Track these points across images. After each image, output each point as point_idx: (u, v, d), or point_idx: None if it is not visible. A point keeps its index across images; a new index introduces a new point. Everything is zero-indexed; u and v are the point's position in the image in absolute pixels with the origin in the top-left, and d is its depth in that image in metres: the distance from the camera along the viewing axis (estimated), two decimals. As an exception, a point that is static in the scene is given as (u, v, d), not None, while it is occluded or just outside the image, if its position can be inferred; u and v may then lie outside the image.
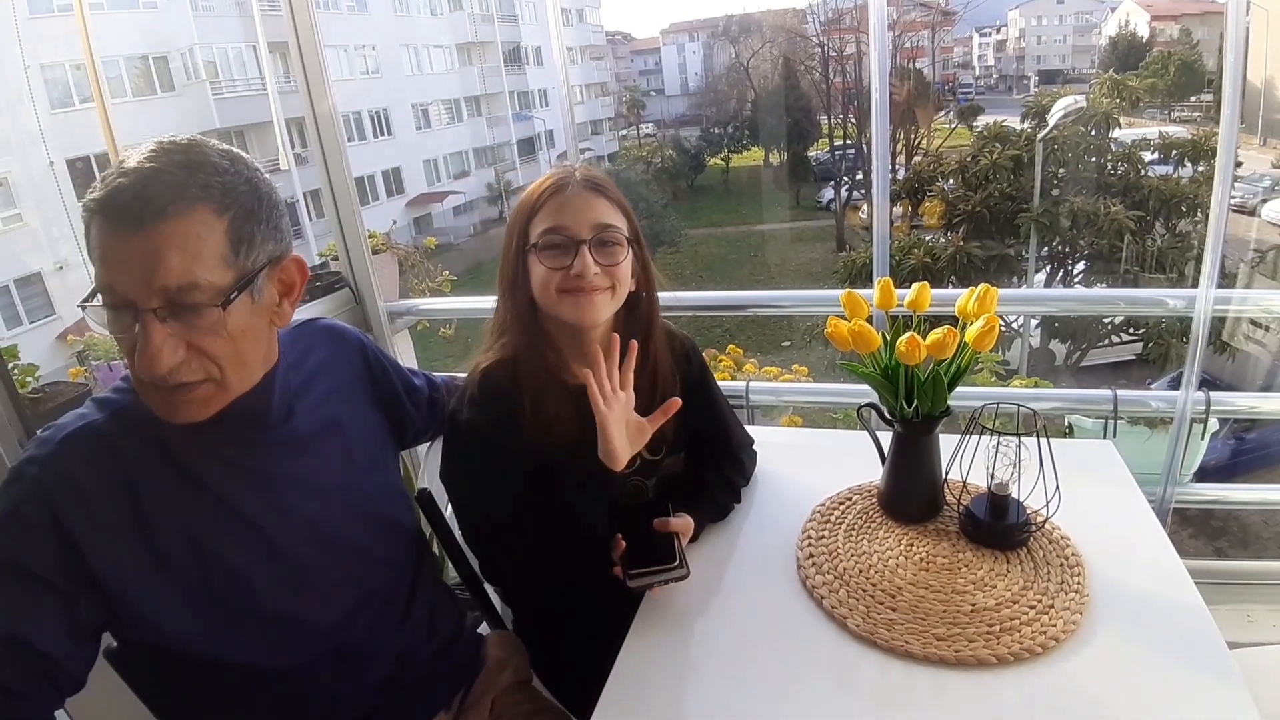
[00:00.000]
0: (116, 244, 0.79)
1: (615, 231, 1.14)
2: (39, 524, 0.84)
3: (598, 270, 1.12)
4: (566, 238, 1.12)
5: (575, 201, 1.13)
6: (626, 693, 0.98)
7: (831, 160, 20.91)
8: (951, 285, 9.40)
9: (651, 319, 1.24)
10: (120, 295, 0.81)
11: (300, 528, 1.00)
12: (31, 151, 10.71)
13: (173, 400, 0.86)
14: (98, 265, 0.81)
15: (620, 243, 1.14)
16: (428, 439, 1.39)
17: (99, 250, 0.80)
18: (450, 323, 2.68)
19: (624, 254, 1.15)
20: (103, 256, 0.80)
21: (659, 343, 1.25)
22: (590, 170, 1.18)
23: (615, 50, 29.28)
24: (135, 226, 0.79)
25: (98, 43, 2.58)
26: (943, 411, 1.13)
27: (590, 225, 1.12)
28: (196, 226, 0.82)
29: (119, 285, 0.80)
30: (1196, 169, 10.08)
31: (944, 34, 22.62)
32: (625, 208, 1.17)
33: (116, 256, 0.80)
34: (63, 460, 0.86)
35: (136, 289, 0.80)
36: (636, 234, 1.19)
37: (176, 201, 0.80)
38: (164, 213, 0.79)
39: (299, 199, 4.75)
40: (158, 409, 0.87)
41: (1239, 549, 6.05)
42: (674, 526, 1.13)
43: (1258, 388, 5.64)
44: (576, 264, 1.11)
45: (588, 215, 1.12)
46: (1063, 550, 1.12)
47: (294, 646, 1.01)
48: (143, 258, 0.79)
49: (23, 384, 1.54)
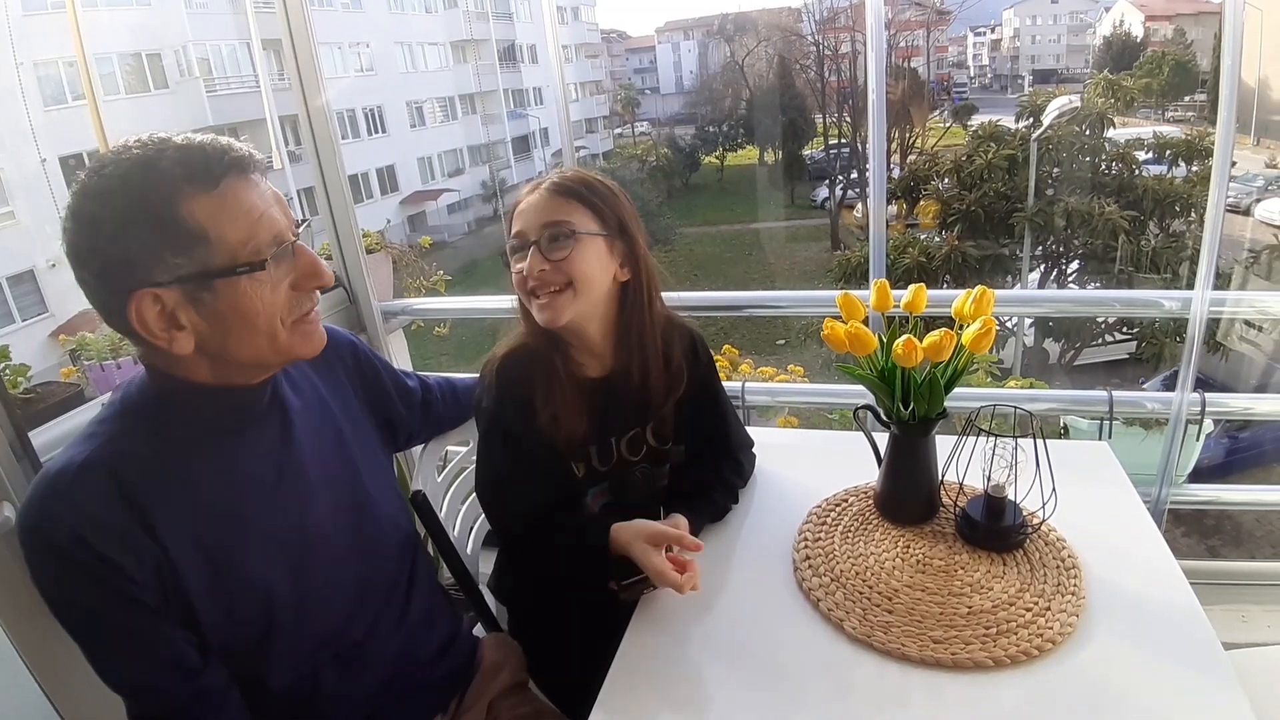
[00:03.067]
0: (263, 190, 0.89)
1: (563, 226, 1.14)
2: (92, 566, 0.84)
3: (545, 268, 1.13)
4: (522, 240, 1.16)
5: (534, 205, 1.16)
6: (622, 695, 0.98)
7: (826, 159, 20.96)
8: (946, 285, 9.43)
9: (644, 313, 1.24)
10: (278, 233, 0.89)
11: (300, 530, 1.00)
12: (24, 149, 10.67)
13: (318, 324, 0.98)
14: (239, 221, 0.85)
15: (569, 235, 1.14)
16: (421, 441, 1.38)
17: (240, 206, 0.86)
18: (445, 322, 2.68)
19: (572, 247, 1.14)
20: (249, 208, 0.86)
21: (650, 332, 1.25)
22: (572, 172, 1.21)
23: (610, 48, 29.28)
24: (258, 171, 0.90)
25: (90, 40, 2.58)
26: (939, 414, 1.13)
27: (540, 226, 1.14)
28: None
29: (276, 227, 0.89)
30: (1190, 169, 10.11)
31: (939, 33, 22.68)
32: (597, 203, 1.17)
33: (265, 201, 0.89)
34: (74, 499, 0.85)
35: (287, 220, 0.92)
36: (622, 227, 1.20)
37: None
38: (262, 160, 0.91)
39: (293, 197, 4.74)
40: (311, 342, 0.96)
41: (1232, 548, 6.07)
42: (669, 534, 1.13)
43: (1252, 388, 5.66)
44: (526, 264, 1.14)
45: (541, 216, 1.15)
46: (1059, 552, 1.12)
47: (296, 653, 1.00)
48: (272, 193, 0.90)
49: (14, 384, 1.53)
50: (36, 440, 1.29)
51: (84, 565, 0.83)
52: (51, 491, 0.85)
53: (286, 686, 1.01)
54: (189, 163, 0.82)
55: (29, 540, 0.85)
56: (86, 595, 0.85)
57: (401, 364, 2.38)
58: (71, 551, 0.83)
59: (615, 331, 1.23)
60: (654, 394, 1.25)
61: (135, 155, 0.82)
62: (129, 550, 0.85)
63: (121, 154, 0.82)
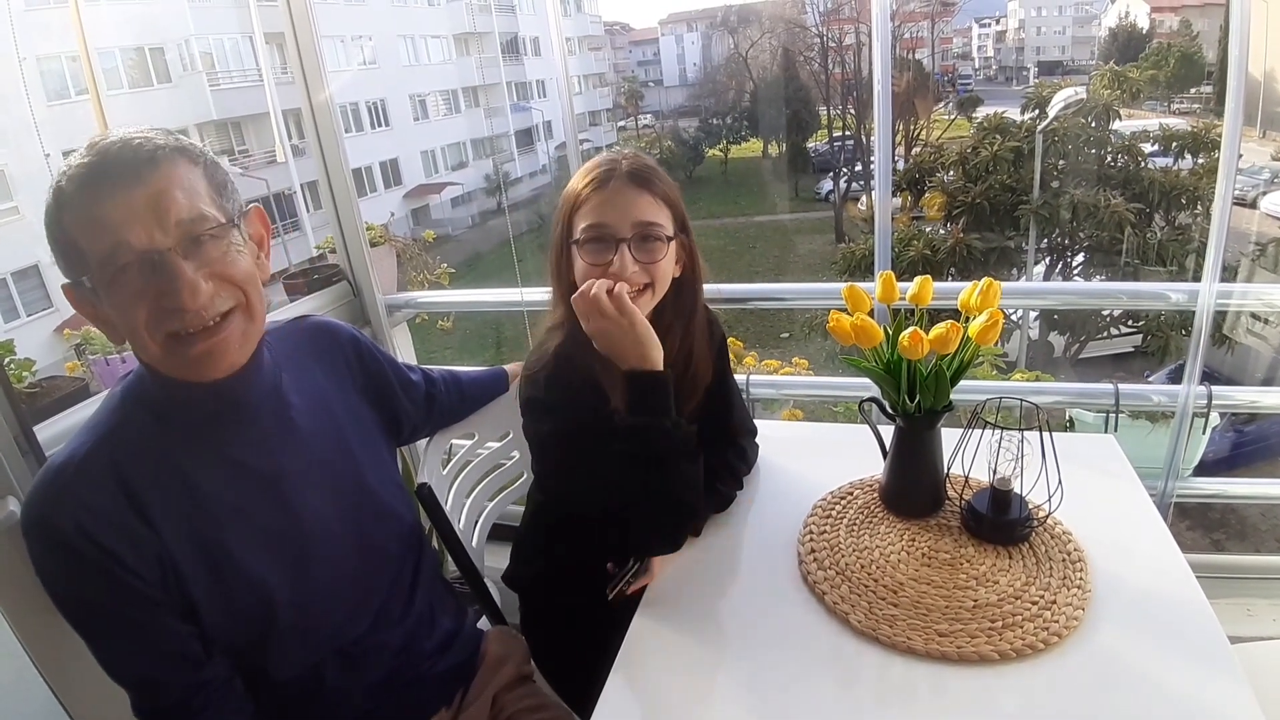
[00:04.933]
0: (119, 201, 0.82)
1: (657, 229, 1.14)
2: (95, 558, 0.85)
3: (636, 268, 1.13)
4: (608, 234, 1.13)
5: (618, 199, 1.13)
6: (628, 688, 0.98)
7: (830, 152, 20.85)
8: (951, 277, 9.39)
9: (695, 304, 1.26)
10: (134, 247, 0.82)
11: (306, 525, 1.00)
12: (27, 143, 10.65)
13: (210, 345, 0.88)
14: (94, 233, 0.82)
15: (660, 239, 1.15)
16: (425, 435, 1.38)
17: (91, 218, 0.82)
18: (449, 315, 2.67)
19: (664, 251, 1.15)
20: (99, 219, 0.81)
21: (699, 328, 1.27)
22: (639, 159, 1.18)
23: (613, 40, 29.15)
24: (134, 180, 0.82)
25: (93, 34, 2.58)
26: (945, 406, 1.12)
27: (632, 223, 1.13)
28: (181, 169, 0.86)
29: (133, 238, 0.82)
30: (1196, 161, 10.05)
31: (943, 25, 22.54)
32: (671, 197, 1.18)
33: (121, 213, 0.81)
34: (77, 492, 0.85)
35: (150, 234, 0.82)
36: (683, 222, 1.21)
37: (158, 152, 0.84)
38: (155, 161, 0.83)
39: (296, 191, 4.76)
40: (190, 367, 0.88)
41: (1236, 541, 6.05)
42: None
43: (1258, 381, 5.63)
44: (616, 262, 1.12)
45: (630, 212, 1.13)
46: (1065, 545, 1.11)
47: (298, 647, 1.01)
48: (148, 202, 0.82)
49: (19, 379, 1.53)
50: (41, 435, 1.30)
51: (87, 558, 0.84)
52: (54, 485, 0.86)
53: (290, 680, 1.01)
54: (85, 165, 0.82)
55: (32, 533, 0.85)
56: (90, 588, 0.85)
57: (405, 357, 2.38)
58: (75, 544, 0.83)
59: (661, 323, 1.20)
60: (698, 383, 1.27)
61: (71, 162, 0.83)
62: (131, 542, 0.85)
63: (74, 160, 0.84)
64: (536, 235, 16.00)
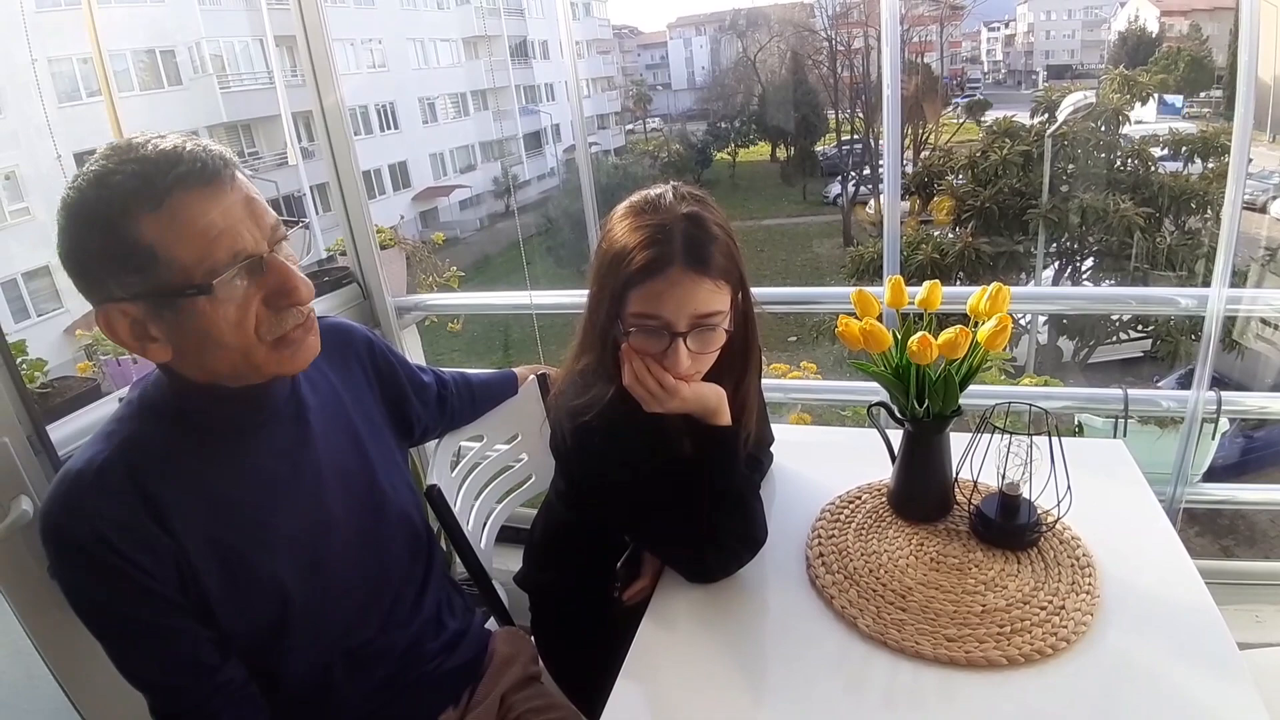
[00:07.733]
0: (224, 205, 0.82)
1: (716, 317, 1.04)
2: (114, 565, 0.85)
3: (690, 362, 1.05)
4: (662, 326, 1.03)
5: (676, 291, 1.00)
6: (636, 690, 0.98)
7: (839, 155, 20.83)
8: (960, 282, 9.37)
9: (747, 365, 1.17)
10: (247, 250, 0.83)
11: (320, 526, 1.00)
12: (39, 145, 10.72)
13: (312, 337, 0.93)
14: (194, 240, 0.80)
15: (718, 328, 1.05)
16: (436, 436, 1.39)
17: (189, 223, 0.80)
18: (458, 318, 2.68)
19: (722, 339, 1.07)
20: (203, 225, 0.81)
21: (752, 392, 1.19)
22: (694, 219, 1.03)
23: (622, 44, 29.17)
24: (229, 182, 0.83)
25: (105, 36, 2.59)
26: (954, 411, 1.12)
27: (690, 316, 1.02)
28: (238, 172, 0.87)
29: (242, 242, 0.83)
30: (1206, 165, 10.00)
31: (952, 28, 22.48)
32: (730, 266, 1.05)
33: (228, 217, 0.82)
34: (94, 499, 0.86)
35: (254, 236, 0.84)
36: (742, 281, 1.09)
37: (221, 155, 0.85)
38: (228, 164, 0.84)
39: (306, 193, 4.76)
40: (291, 362, 0.91)
41: (1245, 547, 6.02)
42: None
43: (1268, 387, 5.60)
44: (670, 356, 1.03)
45: (688, 306, 1.01)
46: (1074, 551, 1.11)
47: (309, 648, 1.01)
48: (244, 205, 0.84)
49: (31, 379, 1.54)
50: (54, 434, 1.31)
51: (106, 564, 0.84)
52: (74, 491, 0.86)
53: (300, 680, 1.02)
54: (141, 176, 0.79)
55: (52, 540, 0.86)
56: (109, 593, 0.86)
57: (415, 359, 2.39)
58: (94, 551, 0.84)
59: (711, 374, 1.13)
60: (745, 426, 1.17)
61: (96, 169, 0.80)
62: (149, 548, 0.86)
63: (91, 164, 0.81)
64: (544, 238, 16.03)
